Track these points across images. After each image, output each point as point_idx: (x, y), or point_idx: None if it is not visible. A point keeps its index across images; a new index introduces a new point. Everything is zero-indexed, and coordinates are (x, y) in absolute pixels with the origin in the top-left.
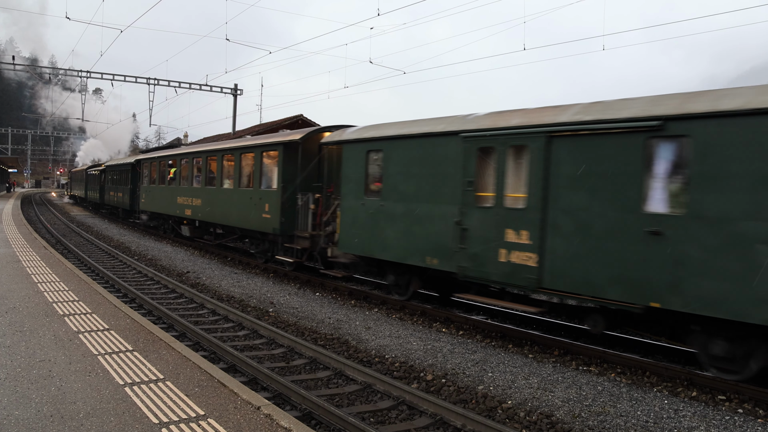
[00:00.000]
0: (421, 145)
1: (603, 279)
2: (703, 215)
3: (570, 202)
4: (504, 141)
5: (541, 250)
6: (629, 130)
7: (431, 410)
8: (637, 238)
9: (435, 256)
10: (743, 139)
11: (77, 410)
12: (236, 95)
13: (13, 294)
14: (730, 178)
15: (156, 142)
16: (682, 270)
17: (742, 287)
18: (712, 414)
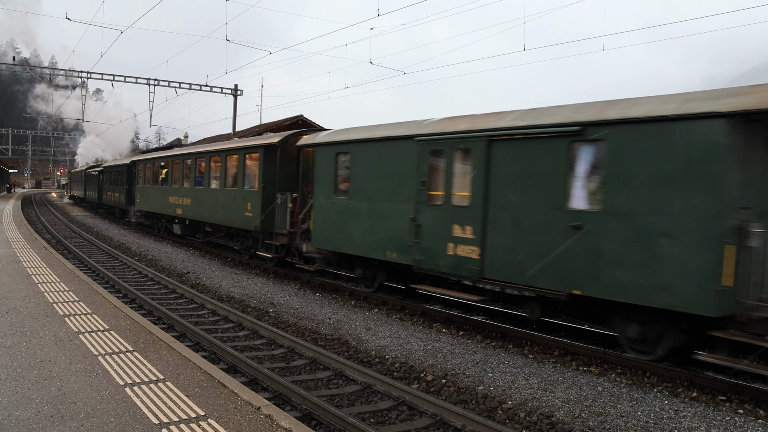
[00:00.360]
0: (383, 148)
1: (534, 269)
2: (616, 211)
3: (507, 199)
4: (452, 144)
5: (482, 244)
6: (556, 135)
7: (431, 411)
8: (562, 231)
9: (394, 250)
10: (648, 143)
11: (77, 410)
12: (236, 96)
13: (14, 294)
14: (637, 178)
15: (156, 142)
16: (598, 260)
17: (646, 275)
18: (713, 414)
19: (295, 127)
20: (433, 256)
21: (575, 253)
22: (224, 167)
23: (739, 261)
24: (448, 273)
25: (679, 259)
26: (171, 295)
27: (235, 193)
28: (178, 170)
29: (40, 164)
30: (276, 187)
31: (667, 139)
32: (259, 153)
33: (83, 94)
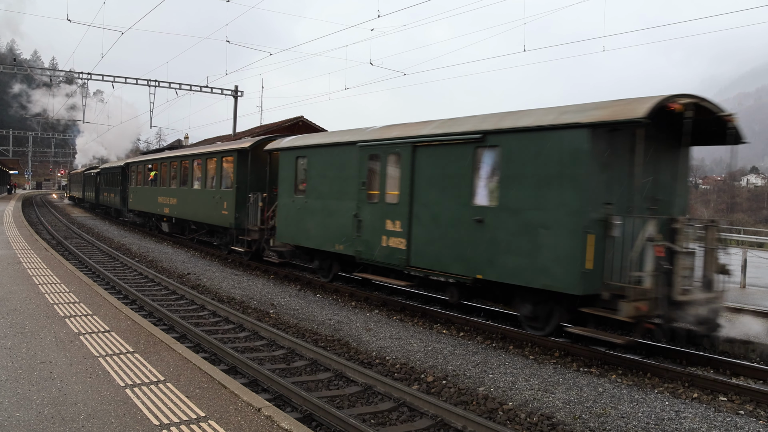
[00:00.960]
0: (333, 152)
1: (448, 258)
2: (508, 207)
3: (427, 197)
4: (385, 149)
5: (408, 236)
6: (464, 142)
7: (432, 412)
8: (468, 225)
9: (341, 243)
10: (531, 149)
11: (78, 412)
12: (237, 97)
13: (14, 296)
14: (523, 178)
15: (157, 143)
16: (495, 248)
17: (530, 260)
18: (714, 415)
19: (295, 128)
20: (371, 248)
21: (478, 242)
22: (204, 169)
23: (601, 248)
24: (383, 262)
25: (553, 247)
26: (171, 296)
27: (214, 193)
28: (165, 172)
29: (41, 165)
30: (248, 187)
31: (546, 145)
32: (234, 156)
33: (83, 95)
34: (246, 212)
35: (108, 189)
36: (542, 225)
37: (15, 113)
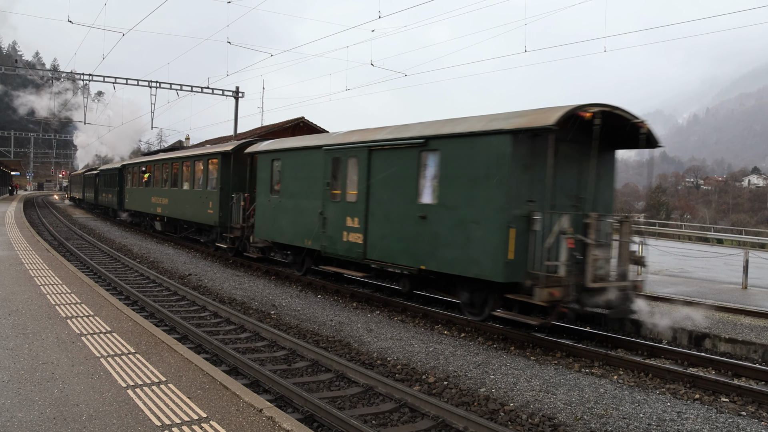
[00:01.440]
0: (303, 155)
1: (398, 250)
2: (446, 204)
3: (381, 196)
4: (346, 153)
5: (365, 232)
6: (411, 146)
7: (433, 413)
8: (414, 221)
9: (310, 238)
10: (465, 152)
11: (80, 412)
12: (238, 98)
13: (16, 296)
14: (458, 179)
15: (158, 144)
16: (436, 242)
17: (464, 252)
18: (716, 417)
19: (296, 129)
20: (334, 242)
21: (422, 237)
22: (192, 171)
23: (523, 240)
24: (344, 255)
25: (482, 240)
26: (173, 297)
27: (201, 193)
28: (158, 174)
29: (42, 166)
30: (231, 188)
31: (476, 149)
32: (218, 159)
33: (85, 96)
34: (229, 211)
35: (106, 190)
36: (473, 220)
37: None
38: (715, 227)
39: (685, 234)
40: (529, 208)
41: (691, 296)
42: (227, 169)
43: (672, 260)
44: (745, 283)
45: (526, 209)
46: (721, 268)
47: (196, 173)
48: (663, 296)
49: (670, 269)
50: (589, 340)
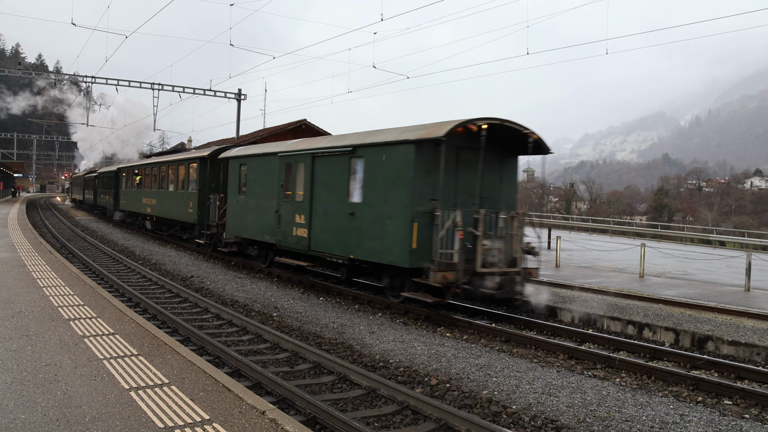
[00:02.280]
0: (263, 160)
1: (334, 243)
2: (368, 203)
3: (321, 196)
4: (296, 159)
5: (309, 227)
6: (343, 153)
7: (436, 415)
8: (345, 217)
9: (268, 233)
10: (382, 159)
11: (83, 414)
12: (240, 100)
13: (19, 298)
14: (377, 181)
15: (160, 146)
16: (361, 235)
17: (381, 243)
18: (719, 419)
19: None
20: (286, 237)
21: (351, 230)
22: (177, 174)
23: (426, 233)
24: (294, 248)
25: (393, 232)
26: (175, 299)
27: (183, 194)
28: (148, 176)
29: (45, 168)
30: (209, 189)
31: (390, 156)
32: (197, 163)
33: (88, 99)
34: (207, 210)
35: (103, 191)
36: (387, 216)
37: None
38: (717, 230)
39: (688, 236)
40: (432, 205)
41: (693, 298)
42: (204, 172)
43: (674, 263)
44: (747, 285)
45: (429, 206)
46: (723, 270)
47: (180, 176)
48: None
49: (672, 272)
50: (591, 342)
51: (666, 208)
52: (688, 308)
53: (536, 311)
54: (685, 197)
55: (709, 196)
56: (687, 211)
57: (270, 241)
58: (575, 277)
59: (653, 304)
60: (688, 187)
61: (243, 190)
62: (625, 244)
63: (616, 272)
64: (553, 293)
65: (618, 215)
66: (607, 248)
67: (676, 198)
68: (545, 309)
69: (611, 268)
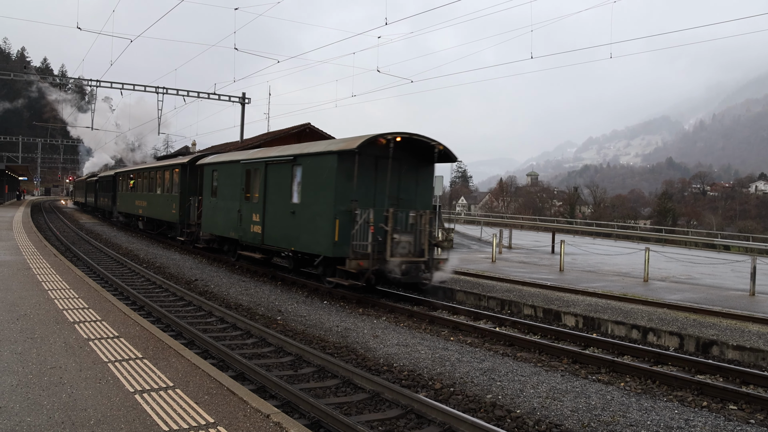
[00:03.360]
0: (230, 167)
1: (280, 237)
2: (305, 203)
3: (272, 198)
4: (253, 166)
5: (262, 224)
6: (287, 161)
7: (440, 419)
8: (288, 215)
9: (233, 231)
10: (314, 166)
11: (88, 417)
12: (244, 104)
13: (24, 301)
14: (311, 185)
15: (164, 150)
16: (299, 230)
17: (313, 237)
18: (724, 424)
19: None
20: (246, 233)
21: (292, 226)
22: (163, 178)
23: (346, 228)
24: (251, 242)
25: (322, 227)
26: (179, 302)
27: (167, 197)
28: (140, 180)
29: (50, 171)
30: (188, 192)
31: (320, 164)
32: (179, 169)
33: (93, 102)
34: (187, 211)
35: (103, 194)
36: (318, 214)
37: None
38: (721, 234)
39: (692, 240)
40: (352, 205)
41: (698, 303)
42: (185, 177)
43: (678, 267)
44: (752, 289)
45: (349, 206)
46: (728, 274)
47: (165, 181)
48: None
49: (676, 276)
50: (594, 347)
51: (670, 212)
52: (693, 312)
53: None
54: (689, 201)
55: (714, 200)
56: (691, 215)
57: (235, 237)
58: (579, 281)
59: (657, 308)
60: (693, 191)
61: (215, 193)
62: (629, 248)
63: (620, 276)
64: (557, 298)
65: (622, 219)
66: (611, 252)
67: (680, 202)
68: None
69: (615, 272)
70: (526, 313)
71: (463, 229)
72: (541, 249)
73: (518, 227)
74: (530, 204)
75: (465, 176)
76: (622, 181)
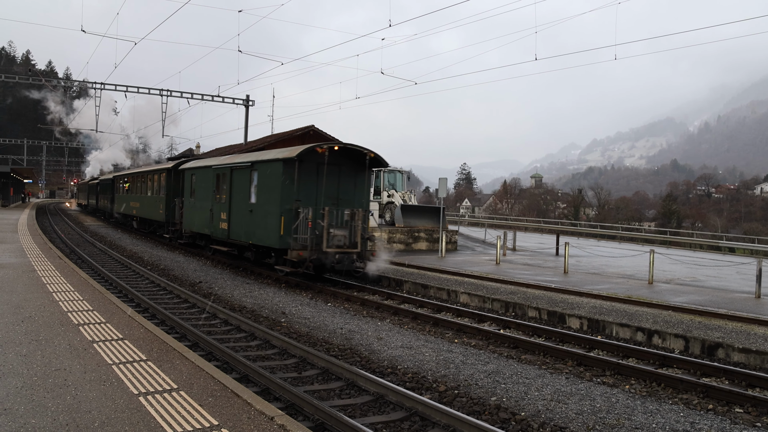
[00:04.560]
0: (204, 171)
1: (241, 232)
2: (259, 203)
3: (236, 198)
4: (222, 171)
5: (228, 221)
6: (247, 167)
7: (444, 421)
8: (247, 213)
9: (207, 228)
10: (267, 172)
11: (92, 419)
12: (248, 106)
13: (29, 303)
14: (264, 187)
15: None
16: (255, 226)
17: (265, 231)
18: (730, 427)
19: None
20: (216, 229)
21: (250, 223)
22: (151, 181)
23: (289, 223)
24: (220, 237)
25: (271, 224)
26: (183, 304)
27: (156, 198)
28: (134, 184)
29: (55, 174)
30: (173, 194)
31: (270, 170)
32: (165, 173)
33: (97, 105)
34: (172, 211)
35: (103, 196)
36: (268, 212)
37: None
38: (726, 236)
39: (697, 243)
40: (296, 204)
41: (703, 305)
42: (170, 180)
43: (683, 269)
44: (758, 292)
45: (294, 205)
46: (733, 277)
47: (154, 184)
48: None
49: (681, 278)
50: (599, 349)
51: (675, 215)
52: (698, 315)
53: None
54: (694, 203)
55: (719, 203)
56: (696, 218)
57: (208, 233)
58: (583, 283)
59: (662, 310)
60: (698, 193)
61: (193, 195)
62: (634, 251)
63: (625, 278)
64: (562, 300)
65: (626, 221)
66: (615, 254)
67: (685, 204)
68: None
69: (620, 274)
70: (531, 315)
71: (468, 231)
72: (546, 251)
73: (522, 229)
74: (534, 206)
75: (469, 178)
76: (627, 183)
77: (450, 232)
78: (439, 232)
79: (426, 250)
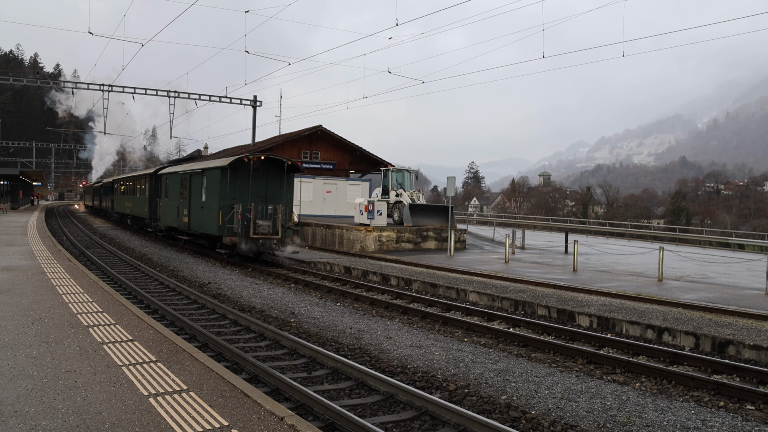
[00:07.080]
0: (173, 177)
1: (196, 225)
2: (207, 201)
3: (193, 198)
4: (184, 176)
5: (189, 216)
6: (199, 173)
7: (455, 420)
8: (200, 209)
9: (175, 222)
10: (211, 177)
11: (103, 421)
12: (256, 107)
13: (39, 305)
14: (210, 189)
15: (176, 154)
16: (204, 219)
17: (210, 222)
18: (741, 425)
19: (314, 137)
20: (181, 223)
21: (201, 217)
22: (140, 184)
23: (227, 216)
24: (184, 229)
25: (213, 217)
26: (193, 305)
27: (142, 199)
28: (128, 186)
29: (63, 176)
30: (155, 195)
31: (213, 175)
32: (148, 177)
33: (105, 107)
34: (155, 209)
35: (105, 198)
36: (212, 208)
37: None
38: (736, 233)
39: (706, 240)
40: (231, 202)
41: (713, 302)
42: (152, 183)
43: (693, 266)
44: None
45: (230, 202)
46: (743, 273)
47: (141, 186)
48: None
49: (691, 275)
50: (609, 347)
51: (684, 212)
52: (708, 312)
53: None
54: (703, 200)
55: (728, 199)
56: (705, 215)
57: (176, 226)
58: (593, 281)
59: (672, 308)
60: (706, 190)
61: (166, 195)
62: (643, 248)
63: (635, 276)
64: (571, 298)
65: (635, 219)
66: (624, 252)
67: (694, 201)
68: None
69: (629, 271)
70: (540, 313)
71: (476, 229)
72: (554, 249)
73: (531, 228)
74: (543, 204)
75: (477, 177)
76: (635, 181)
77: (459, 231)
78: (447, 231)
79: (435, 249)
